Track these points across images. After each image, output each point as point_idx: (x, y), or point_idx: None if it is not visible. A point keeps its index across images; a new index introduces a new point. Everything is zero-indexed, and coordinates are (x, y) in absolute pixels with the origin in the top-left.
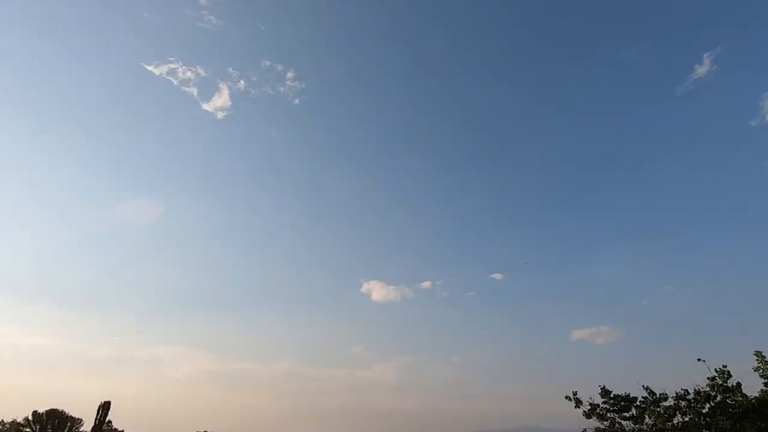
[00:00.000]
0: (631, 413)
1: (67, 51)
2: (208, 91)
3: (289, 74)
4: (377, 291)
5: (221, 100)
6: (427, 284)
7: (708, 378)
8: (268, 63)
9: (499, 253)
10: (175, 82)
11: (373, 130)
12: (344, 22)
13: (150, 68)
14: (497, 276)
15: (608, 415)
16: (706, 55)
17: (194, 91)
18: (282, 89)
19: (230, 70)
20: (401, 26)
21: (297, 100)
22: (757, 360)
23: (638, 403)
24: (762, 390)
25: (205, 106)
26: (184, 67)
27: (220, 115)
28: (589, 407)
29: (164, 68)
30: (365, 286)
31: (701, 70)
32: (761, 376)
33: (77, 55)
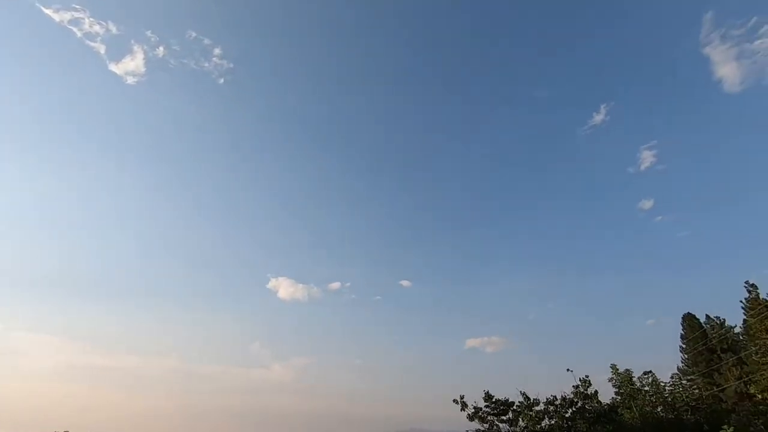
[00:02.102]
0: (508, 416)
1: None
2: (118, 51)
3: (217, 51)
4: (284, 288)
5: (134, 64)
6: (336, 285)
7: (573, 386)
8: (193, 34)
9: (409, 261)
10: (79, 34)
11: (299, 125)
12: (283, 8)
13: (48, 12)
14: (405, 283)
15: (489, 417)
16: (603, 105)
17: (101, 48)
18: (207, 65)
19: (148, 33)
20: (342, 23)
21: (222, 80)
22: (612, 372)
23: (515, 407)
24: (612, 398)
25: (113, 68)
26: (91, 19)
27: (130, 80)
28: (473, 410)
29: (66, 15)
30: (272, 282)
31: (598, 117)
32: (614, 386)
33: None
